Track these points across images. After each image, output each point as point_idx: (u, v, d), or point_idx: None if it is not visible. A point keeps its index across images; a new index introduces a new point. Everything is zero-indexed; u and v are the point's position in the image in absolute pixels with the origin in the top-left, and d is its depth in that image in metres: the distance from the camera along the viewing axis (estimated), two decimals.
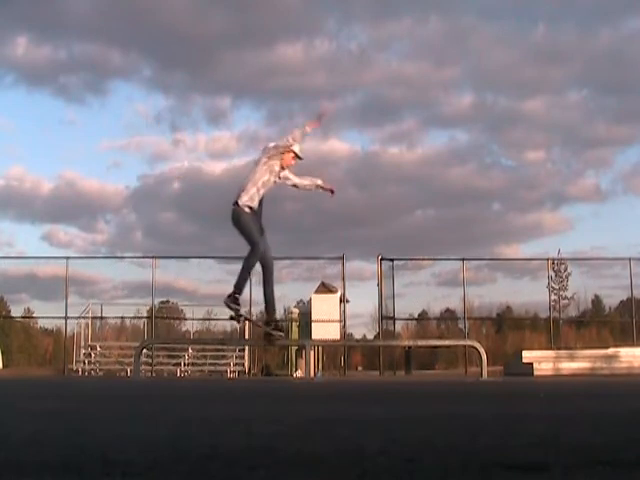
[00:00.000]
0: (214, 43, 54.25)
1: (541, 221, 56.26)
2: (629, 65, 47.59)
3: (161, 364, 21.32)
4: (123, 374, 19.80)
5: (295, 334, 20.34)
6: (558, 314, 21.47)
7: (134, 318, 25.53)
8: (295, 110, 66.51)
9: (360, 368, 31.98)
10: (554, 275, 22.42)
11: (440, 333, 32.37)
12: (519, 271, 36.39)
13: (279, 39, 60.74)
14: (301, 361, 18.24)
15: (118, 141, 77.10)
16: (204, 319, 26.63)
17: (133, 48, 63.45)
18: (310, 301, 19.83)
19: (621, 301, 29.42)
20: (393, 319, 20.27)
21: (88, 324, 22.34)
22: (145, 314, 22.94)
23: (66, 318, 19.96)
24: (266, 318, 7.73)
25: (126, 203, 59.26)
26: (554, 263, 22.35)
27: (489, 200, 59.65)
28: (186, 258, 23.57)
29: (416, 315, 28.25)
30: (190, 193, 52.35)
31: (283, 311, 22.53)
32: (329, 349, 23.58)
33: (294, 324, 20.77)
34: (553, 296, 21.56)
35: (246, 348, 21.33)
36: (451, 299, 27.18)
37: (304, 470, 1.73)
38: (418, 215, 57.05)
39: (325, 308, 19.03)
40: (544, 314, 21.42)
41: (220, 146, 60.49)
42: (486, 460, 1.84)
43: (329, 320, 18.75)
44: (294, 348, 20.34)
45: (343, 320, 19.30)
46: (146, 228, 55.37)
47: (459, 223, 51.34)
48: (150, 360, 19.70)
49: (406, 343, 19.94)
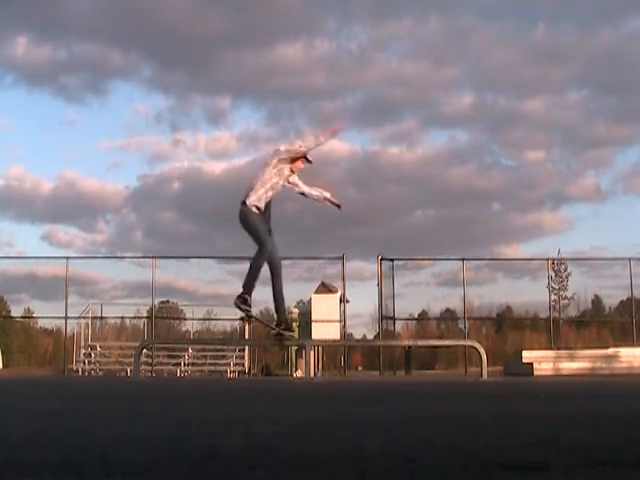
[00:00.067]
0: (214, 43, 54.35)
1: (541, 221, 56.37)
2: (629, 65, 47.67)
3: (161, 364, 21.32)
4: (123, 374, 19.80)
5: (295, 334, 20.33)
6: (558, 314, 21.48)
7: (134, 318, 25.57)
8: (295, 110, 66.62)
9: (360, 368, 31.98)
10: (554, 275, 22.44)
11: (440, 333, 32.39)
12: (519, 271, 36.45)
13: (279, 39, 60.85)
14: (301, 361, 18.24)
15: (118, 141, 77.25)
16: (204, 319, 26.66)
17: (133, 48, 63.56)
18: (310, 301, 19.83)
19: (621, 301, 29.45)
20: (393, 319, 20.27)
21: (88, 324, 22.35)
22: (145, 314, 22.95)
23: (66, 318, 19.97)
24: (276, 319, 7.74)
25: (126, 203, 59.41)
26: (554, 263, 22.35)
27: (489, 200, 59.76)
28: (186, 258, 23.59)
29: (416, 315, 28.27)
30: (190, 193, 52.46)
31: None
32: (329, 349, 23.58)
33: (294, 324, 20.77)
34: (553, 296, 21.59)
35: (246, 348, 21.33)
36: (451, 299, 27.21)
37: (304, 470, 1.73)
38: (418, 215, 57.14)
39: (325, 308, 19.03)
40: (544, 314, 21.43)
41: (220, 146, 60.61)
42: (486, 460, 1.84)
43: (329, 320, 18.75)
44: (294, 348, 20.33)
45: (343, 320, 19.30)
46: (146, 228, 55.48)
47: (459, 223, 51.41)
48: (150, 360, 19.70)
49: (406, 343, 19.95)
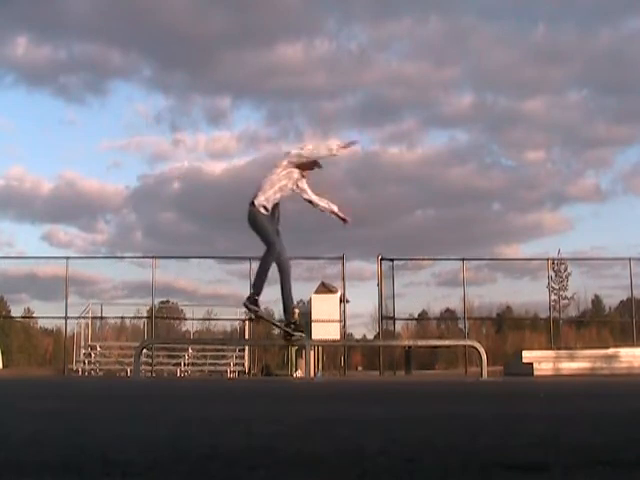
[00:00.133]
0: (214, 43, 54.33)
1: (541, 221, 56.34)
2: (629, 65, 47.65)
3: (161, 364, 21.31)
4: (123, 374, 19.80)
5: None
6: (558, 314, 21.47)
7: (134, 318, 25.56)
8: (295, 110, 66.65)
9: (360, 368, 31.98)
10: (554, 275, 22.44)
11: (440, 333, 32.38)
12: (519, 271, 36.44)
13: (279, 39, 60.82)
14: (301, 361, 18.24)
15: (118, 141, 77.20)
16: (204, 319, 26.66)
17: (133, 48, 63.54)
18: (310, 301, 19.83)
19: (621, 301, 29.45)
20: (393, 319, 20.27)
21: (88, 324, 22.35)
22: (145, 314, 22.95)
23: (66, 318, 19.97)
24: (285, 319, 7.72)
25: (126, 203, 59.38)
26: (554, 263, 22.35)
27: (489, 200, 59.73)
28: (186, 258, 23.60)
29: (416, 315, 28.27)
30: (190, 193, 52.44)
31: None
32: (329, 349, 23.58)
33: None
34: (553, 296, 21.59)
35: (246, 348, 21.34)
36: (451, 299, 27.22)
37: (304, 470, 1.73)
38: (418, 215, 57.11)
39: (325, 308, 19.03)
40: (544, 314, 21.43)
41: (220, 146, 60.59)
42: (486, 460, 1.84)
43: (329, 320, 18.75)
44: (294, 348, 20.33)
45: (343, 320, 19.30)
46: (146, 228, 55.46)
47: (459, 223, 51.38)
48: (150, 360, 19.70)
49: (406, 343, 19.95)
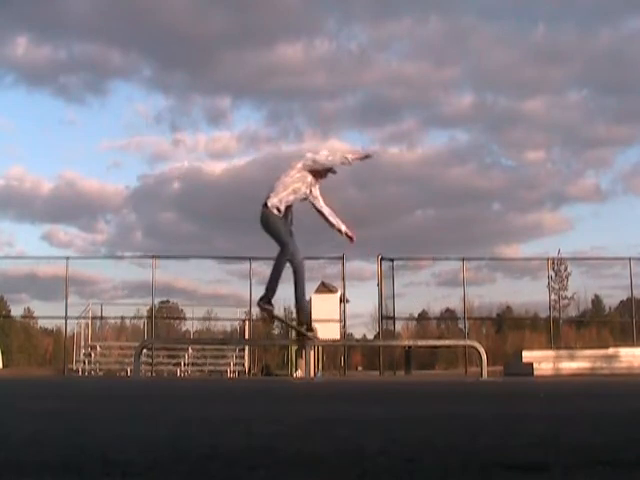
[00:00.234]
0: (214, 43, 54.40)
1: (541, 221, 56.42)
2: (629, 65, 47.71)
3: (161, 364, 21.32)
4: (123, 374, 19.80)
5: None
6: (558, 314, 21.48)
7: (134, 318, 25.60)
8: (295, 110, 66.66)
9: (360, 368, 31.98)
10: (554, 275, 22.45)
11: (440, 333, 32.39)
12: (519, 271, 36.47)
13: (279, 39, 60.92)
14: (301, 361, 18.24)
15: (118, 141, 77.35)
16: (204, 319, 26.69)
17: (133, 48, 63.61)
18: (310, 301, 19.83)
19: (621, 301, 29.47)
20: (393, 319, 20.28)
21: (88, 324, 22.36)
22: (145, 314, 22.97)
23: (66, 318, 19.99)
24: (298, 319, 7.73)
25: (126, 203, 59.51)
26: (554, 263, 22.36)
27: (489, 200, 59.80)
28: (186, 258, 23.62)
29: (416, 315, 28.32)
30: (190, 193, 52.52)
31: (283, 311, 22.55)
32: (329, 349, 23.59)
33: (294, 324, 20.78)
34: (553, 296, 21.60)
35: (246, 348, 21.34)
36: (451, 299, 27.23)
37: (304, 470, 1.73)
38: (418, 215, 57.18)
39: (325, 308, 19.03)
40: (544, 314, 21.45)
41: (220, 146, 60.68)
42: (486, 460, 1.83)
43: (329, 320, 18.76)
44: (294, 348, 20.34)
45: (343, 320, 19.30)
46: (146, 228, 55.53)
47: (459, 223, 51.43)
48: (150, 360, 19.71)
49: (406, 343, 19.96)
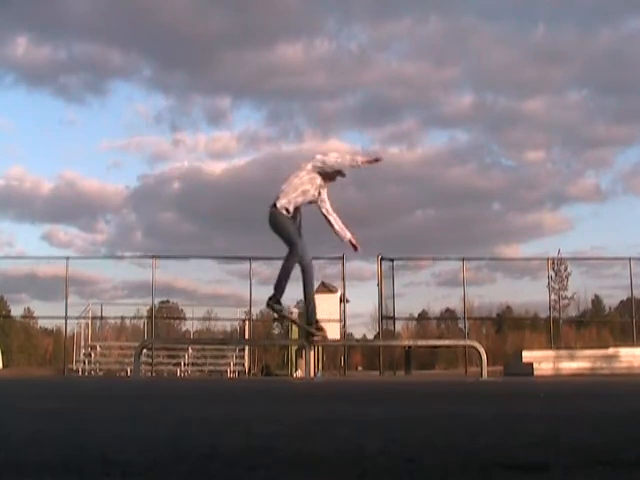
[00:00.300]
0: (214, 43, 54.36)
1: (541, 221, 56.38)
2: (629, 65, 47.68)
3: (161, 364, 21.32)
4: (123, 374, 19.80)
5: (295, 334, 20.32)
6: (558, 314, 21.48)
7: (134, 318, 25.60)
8: (295, 110, 66.64)
9: (360, 368, 31.97)
10: (554, 275, 22.45)
11: (440, 333, 32.39)
12: (519, 271, 36.48)
13: (279, 39, 60.85)
14: (301, 361, 18.25)
15: (118, 141, 77.28)
16: (204, 319, 26.69)
17: (133, 48, 63.56)
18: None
19: (621, 301, 29.48)
20: (393, 319, 20.27)
21: (88, 324, 22.36)
22: (145, 314, 22.97)
23: (66, 318, 19.98)
24: (307, 320, 7.71)
25: (126, 203, 59.45)
26: (554, 263, 22.36)
27: (489, 200, 59.74)
28: (186, 258, 23.62)
29: (416, 315, 28.32)
30: (190, 193, 52.49)
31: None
32: (329, 349, 23.58)
33: (294, 324, 20.76)
34: (553, 296, 21.60)
35: (246, 348, 21.34)
36: (451, 299, 27.27)
37: (304, 470, 1.73)
38: (418, 215, 57.13)
39: (325, 308, 18.98)
40: (544, 314, 21.44)
41: (220, 146, 60.65)
42: (486, 460, 1.83)
43: (329, 320, 18.74)
44: (294, 348, 20.34)
45: (343, 320, 19.30)
46: (146, 228, 55.50)
47: (459, 223, 51.38)
48: (150, 360, 19.71)
49: (406, 343, 19.96)
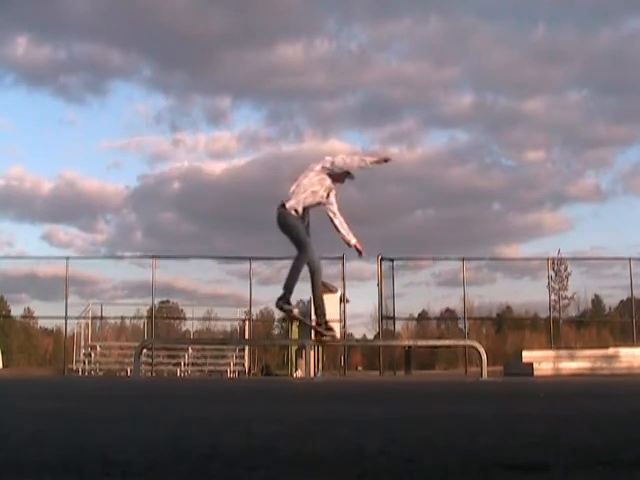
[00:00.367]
0: (214, 43, 54.40)
1: (541, 221, 56.41)
2: (629, 65, 47.71)
3: (161, 364, 21.32)
4: (123, 374, 19.80)
5: (295, 334, 20.34)
6: (558, 314, 21.49)
7: (134, 318, 25.60)
8: (295, 110, 66.65)
9: (360, 368, 31.97)
10: (554, 275, 22.46)
11: (440, 333, 32.39)
12: (519, 271, 36.47)
13: (279, 39, 60.90)
14: (301, 361, 18.24)
15: (118, 141, 77.33)
16: (204, 319, 26.69)
17: (133, 48, 63.60)
18: (310, 301, 19.82)
19: (621, 301, 29.47)
20: (393, 319, 20.27)
21: (88, 324, 22.36)
22: (145, 314, 22.97)
23: (66, 318, 19.99)
24: (316, 320, 7.72)
25: (126, 203, 59.51)
26: (554, 263, 22.37)
27: (489, 200, 59.77)
28: (186, 258, 23.61)
29: (416, 315, 28.31)
30: (190, 193, 52.53)
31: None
32: (329, 349, 23.57)
33: (294, 324, 20.76)
34: (553, 296, 21.61)
35: (246, 348, 21.34)
36: (451, 299, 27.22)
37: (304, 470, 1.73)
38: (418, 215, 57.15)
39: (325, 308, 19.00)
40: (544, 314, 21.44)
41: (220, 146, 60.68)
42: (486, 460, 1.83)
43: (329, 320, 18.73)
44: (294, 348, 20.34)
45: (343, 320, 19.30)
46: (146, 228, 55.54)
47: (459, 223, 51.40)
48: (150, 360, 19.71)
49: (406, 343, 19.96)
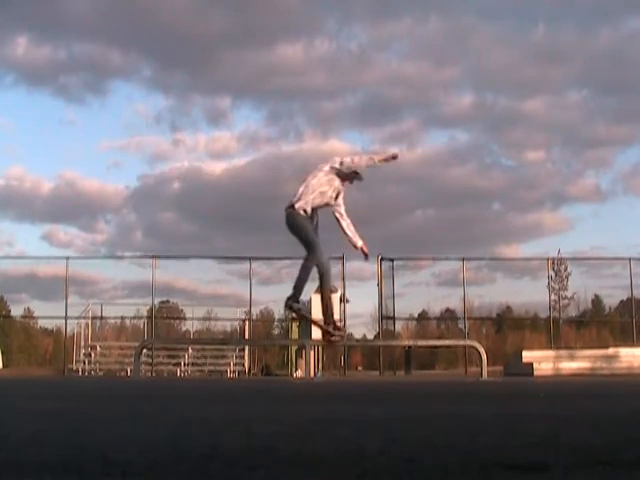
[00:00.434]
0: (214, 43, 54.33)
1: (541, 221, 56.32)
2: (629, 65, 47.67)
3: (161, 364, 21.31)
4: (123, 374, 19.80)
5: (295, 334, 20.35)
6: (558, 314, 21.48)
7: (134, 318, 25.58)
8: (295, 110, 66.65)
9: (360, 368, 31.96)
10: (554, 275, 22.45)
11: (440, 333, 32.36)
12: (519, 271, 36.44)
13: (279, 39, 60.82)
14: (301, 361, 18.24)
15: (118, 141, 77.24)
16: (204, 319, 26.67)
17: (133, 48, 63.55)
18: (310, 301, 19.82)
19: (621, 301, 29.45)
20: (393, 319, 20.27)
21: (88, 324, 22.35)
22: (145, 314, 22.96)
23: (66, 318, 19.98)
24: (324, 319, 7.70)
25: (126, 203, 59.42)
26: (554, 263, 22.36)
27: (489, 200, 59.68)
28: (186, 258, 23.61)
29: (416, 315, 28.29)
30: (190, 193, 52.48)
31: (283, 311, 22.52)
32: (329, 349, 23.56)
33: (294, 324, 20.78)
34: (553, 296, 21.60)
35: (246, 348, 21.33)
36: (451, 299, 27.22)
37: (304, 470, 1.73)
38: (418, 215, 57.07)
39: None
40: (544, 314, 21.44)
41: (220, 146, 60.61)
42: (486, 460, 1.83)
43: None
44: (294, 348, 20.34)
45: (343, 320, 19.29)
46: (146, 228, 55.47)
47: (459, 223, 51.31)
48: (150, 360, 19.70)
49: (406, 343, 19.96)
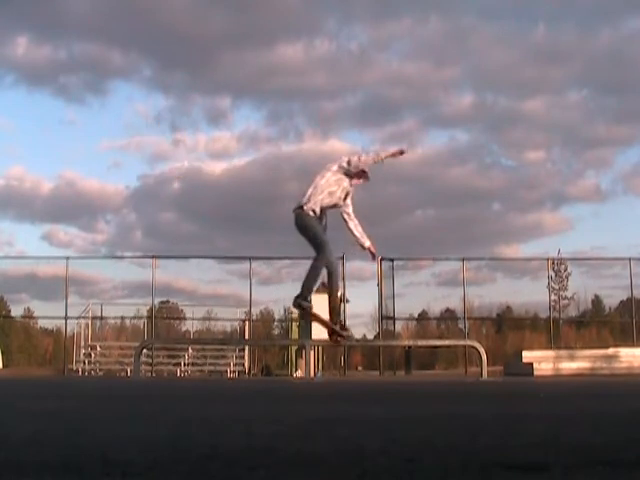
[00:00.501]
0: (214, 43, 54.36)
1: (541, 221, 56.33)
2: (629, 65, 47.68)
3: (161, 364, 21.31)
4: (123, 374, 19.80)
5: (295, 334, 20.34)
6: (558, 314, 21.48)
7: (134, 318, 25.55)
8: (295, 110, 66.66)
9: (360, 368, 31.96)
10: (554, 275, 22.45)
11: (440, 333, 32.35)
12: (519, 271, 36.36)
13: (279, 39, 60.81)
14: (301, 361, 18.23)
15: (118, 141, 77.24)
16: (204, 319, 26.66)
17: (133, 48, 63.56)
18: (310, 301, 19.81)
19: (621, 301, 29.43)
20: (393, 319, 20.26)
21: (88, 324, 22.34)
22: (145, 314, 22.95)
23: (66, 318, 19.97)
24: (331, 319, 7.70)
25: (126, 203, 59.44)
26: (554, 263, 22.36)
27: (489, 200, 59.65)
28: (186, 258, 23.59)
29: (416, 315, 28.26)
30: (190, 193, 52.50)
31: (283, 311, 22.54)
32: (329, 349, 23.53)
33: (294, 324, 20.77)
34: (553, 296, 21.60)
35: (246, 348, 21.33)
36: (451, 299, 27.14)
37: (304, 470, 1.73)
38: (418, 215, 57.04)
39: (325, 308, 18.99)
40: (544, 314, 21.43)
41: (220, 146, 60.62)
42: (486, 460, 1.83)
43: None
44: (294, 348, 20.33)
45: (343, 320, 19.28)
46: (146, 228, 55.48)
47: (459, 223, 51.29)
48: (150, 360, 19.70)
49: (406, 343, 19.95)
